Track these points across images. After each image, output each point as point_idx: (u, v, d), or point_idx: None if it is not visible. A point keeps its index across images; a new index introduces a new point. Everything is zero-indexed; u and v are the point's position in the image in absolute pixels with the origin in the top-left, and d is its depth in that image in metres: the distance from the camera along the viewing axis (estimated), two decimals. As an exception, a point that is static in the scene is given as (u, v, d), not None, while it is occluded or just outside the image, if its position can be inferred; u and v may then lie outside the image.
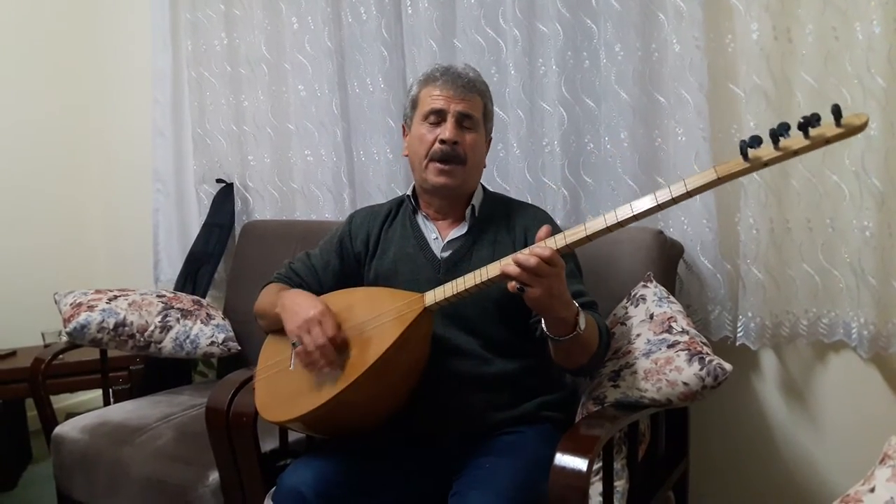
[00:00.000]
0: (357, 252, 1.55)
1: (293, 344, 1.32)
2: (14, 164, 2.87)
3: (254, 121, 2.48)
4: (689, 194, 1.07)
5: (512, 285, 1.14)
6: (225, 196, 2.56)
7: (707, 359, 1.28)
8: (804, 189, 1.65)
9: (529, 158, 1.97)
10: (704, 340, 1.37)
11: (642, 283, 1.56)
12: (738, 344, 1.74)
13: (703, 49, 1.69)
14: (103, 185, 3.09)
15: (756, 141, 1.01)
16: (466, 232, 1.47)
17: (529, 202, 1.73)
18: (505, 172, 2.04)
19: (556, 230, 1.20)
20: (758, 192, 1.66)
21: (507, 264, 1.14)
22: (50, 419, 1.98)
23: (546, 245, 1.14)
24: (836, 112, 0.97)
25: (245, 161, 2.52)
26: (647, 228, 1.73)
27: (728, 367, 1.27)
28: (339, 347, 1.29)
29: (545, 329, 1.23)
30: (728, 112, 1.73)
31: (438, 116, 1.43)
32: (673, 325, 1.40)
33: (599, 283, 1.65)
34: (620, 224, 1.12)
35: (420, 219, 1.52)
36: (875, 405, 1.67)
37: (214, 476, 1.60)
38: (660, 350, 1.35)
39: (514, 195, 1.93)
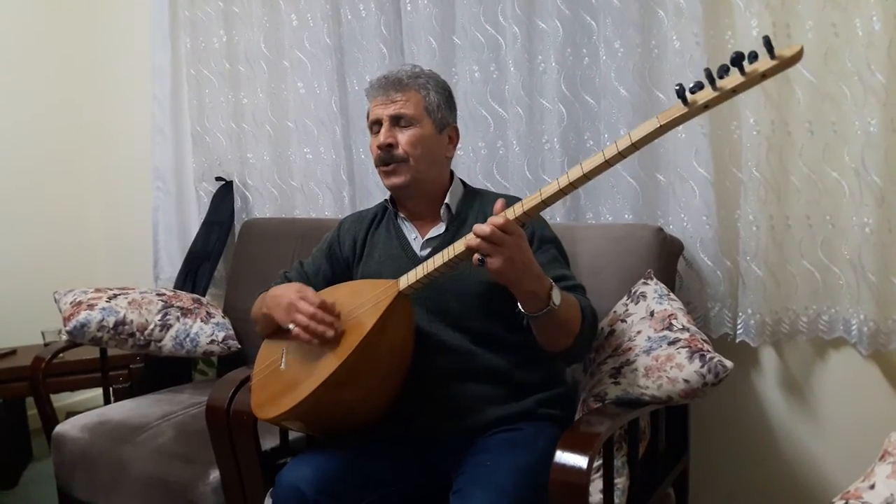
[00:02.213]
0: (346, 256, 1.57)
1: (288, 330, 1.33)
2: (13, 163, 2.87)
3: (253, 118, 2.47)
4: (634, 146, 1.07)
5: (475, 258, 1.16)
6: (224, 194, 2.56)
7: (708, 356, 1.28)
8: (804, 186, 1.65)
9: (529, 155, 1.97)
10: (705, 338, 1.37)
11: (642, 281, 1.56)
12: (738, 341, 1.74)
13: (703, 46, 1.69)
14: (103, 183, 3.09)
15: (697, 86, 1.02)
16: (445, 230, 1.48)
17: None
18: (505, 170, 2.03)
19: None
20: (757, 188, 1.66)
21: (467, 235, 1.17)
22: (50, 418, 1.98)
23: (503, 214, 1.16)
24: (768, 44, 0.96)
25: (244, 159, 2.52)
26: (646, 226, 1.73)
27: (729, 364, 1.27)
28: (332, 311, 1.31)
29: (520, 307, 1.24)
30: (727, 108, 1.73)
31: (378, 126, 1.46)
32: (673, 322, 1.40)
33: (599, 281, 1.65)
34: (573, 185, 1.13)
35: (401, 221, 1.54)
36: (875, 402, 1.67)
37: (215, 474, 1.60)
38: (660, 347, 1.35)
39: (513, 192, 1.94)
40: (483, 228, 1.14)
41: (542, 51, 1.91)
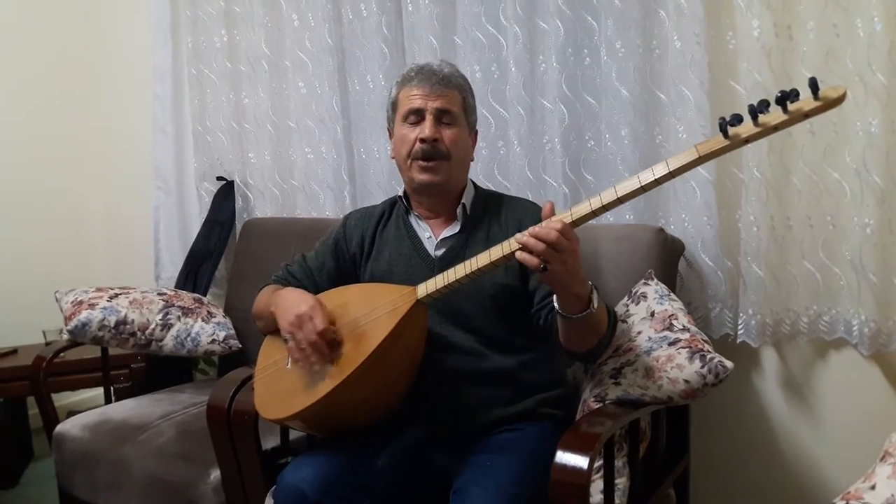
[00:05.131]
0: (352, 253, 1.56)
1: (285, 340, 1.32)
2: (14, 162, 2.87)
3: (254, 118, 2.47)
4: (671, 174, 1.07)
5: (533, 262, 1.11)
6: (226, 193, 2.56)
7: (708, 356, 1.28)
8: (805, 186, 1.65)
9: (530, 156, 1.97)
10: (705, 338, 1.37)
11: (643, 281, 1.56)
12: (738, 341, 1.74)
13: (704, 46, 1.69)
14: (104, 183, 3.09)
15: (737, 119, 1.02)
16: (459, 230, 1.48)
17: (525, 198, 1.73)
18: (506, 170, 2.03)
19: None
20: (759, 189, 1.66)
21: (524, 238, 1.12)
22: (51, 417, 1.98)
23: (560, 219, 1.13)
24: (813, 85, 0.96)
25: (245, 158, 2.52)
26: (647, 226, 1.73)
27: (729, 364, 1.27)
28: (331, 343, 1.30)
29: (558, 308, 1.23)
30: (729, 109, 1.71)
31: (417, 116, 1.44)
32: (674, 322, 1.40)
33: (600, 281, 1.65)
34: (605, 207, 1.12)
35: (413, 219, 1.53)
36: (876, 402, 1.67)
37: (216, 474, 1.60)
38: (661, 347, 1.35)
39: (514, 193, 1.94)
40: (549, 234, 1.10)
41: (544, 51, 1.91)
